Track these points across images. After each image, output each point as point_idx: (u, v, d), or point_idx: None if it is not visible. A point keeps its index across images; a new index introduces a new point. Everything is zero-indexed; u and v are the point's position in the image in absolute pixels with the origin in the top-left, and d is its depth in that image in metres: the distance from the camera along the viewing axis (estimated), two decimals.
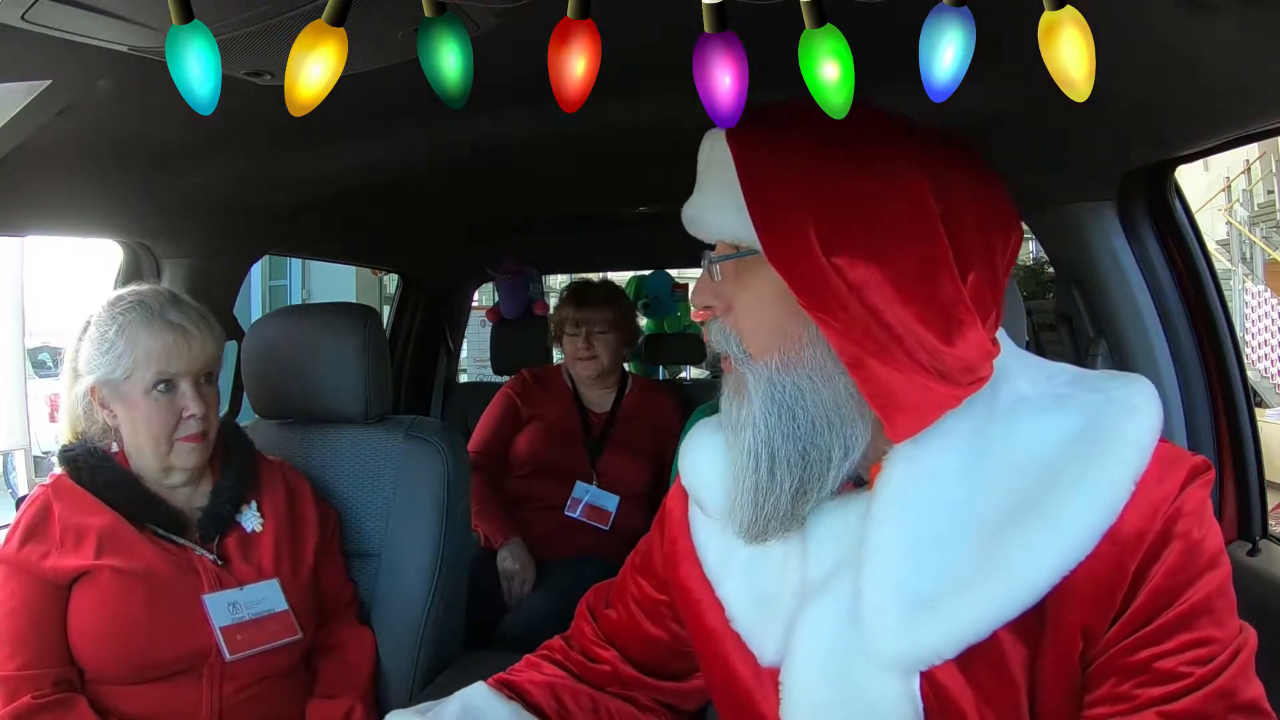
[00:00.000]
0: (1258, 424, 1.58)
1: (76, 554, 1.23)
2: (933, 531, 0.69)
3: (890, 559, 0.69)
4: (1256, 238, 10.86)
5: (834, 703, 0.71)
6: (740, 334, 0.77)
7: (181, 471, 1.34)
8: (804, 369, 0.73)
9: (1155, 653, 0.64)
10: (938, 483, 0.70)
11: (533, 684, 0.95)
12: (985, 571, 0.66)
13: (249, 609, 1.30)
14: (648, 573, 0.98)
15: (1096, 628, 0.65)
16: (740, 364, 0.77)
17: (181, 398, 1.29)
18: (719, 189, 0.77)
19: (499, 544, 2.21)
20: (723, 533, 0.83)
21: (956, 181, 0.73)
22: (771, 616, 0.77)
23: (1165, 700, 0.63)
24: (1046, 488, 0.66)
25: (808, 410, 0.73)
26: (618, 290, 2.59)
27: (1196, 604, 0.64)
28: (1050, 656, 0.66)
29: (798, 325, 0.74)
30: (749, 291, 0.77)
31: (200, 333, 1.31)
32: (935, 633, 0.66)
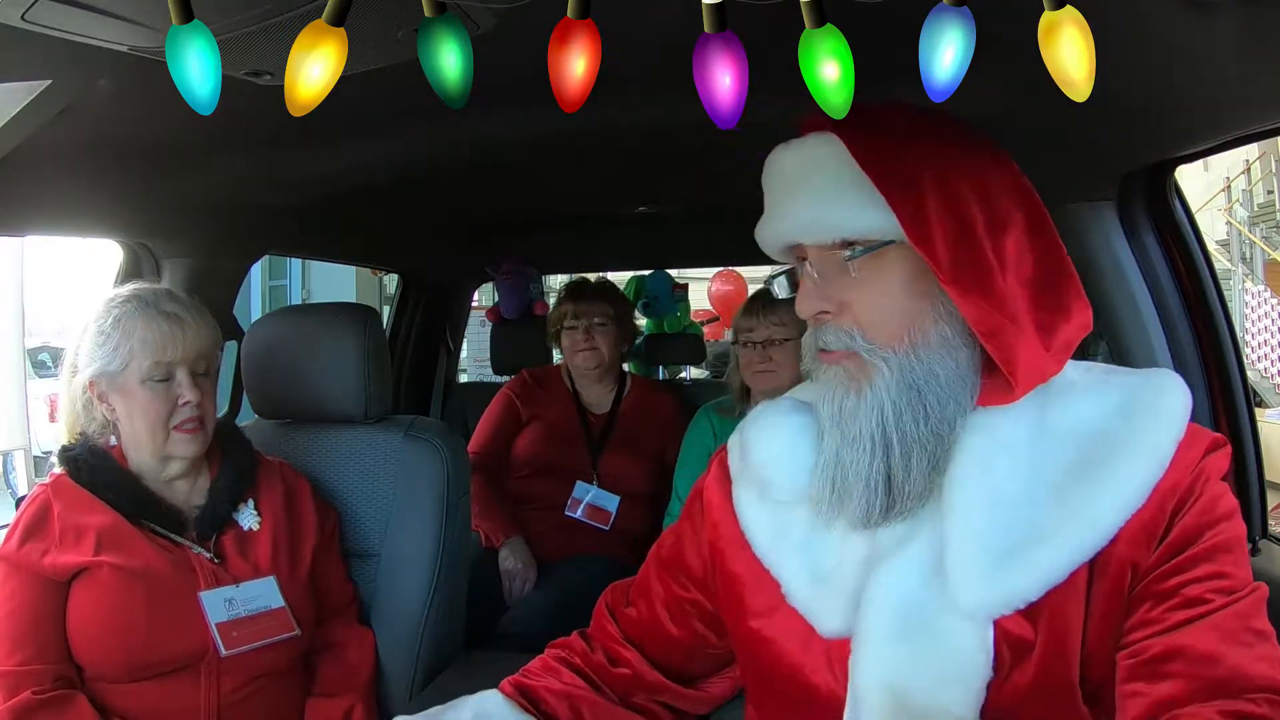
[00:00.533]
0: (1258, 424, 1.58)
1: (76, 551, 1.23)
2: (1008, 491, 0.76)
3: (974, 515, 0.76)
4: (1256, 238, 10.87)
5: (911, 656, 0.76)
6: (862, 328, 0.80)
7: (179, 461, 1.34)
8: (934, 347, 0.79)
9: (1183, 580, 0.72)
10: (1010, 450, 0.78)
11: (549, 692, 0.95)
12: (1058, 522, 0.74)
13: (245, 605, 1.30)
14: (675, 568, 0.98)
15: (1141, 563, 0.74)
16: (869, 354, 0.79)
17: (177, 386, 1.30)
18: (838, 190, 0.80)
19: (500, 543, 2.21)
20: (774, 516, 0.88)
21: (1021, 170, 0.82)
22: (833, 589, 0.82)
23: (1191, 621, 0.71)
24: (1104, 451, 0.76)
25: (939, 388, 0.78)
26: (615, 288, 2.59)
27: (1218, 544, 0.73)
28: (1101, 598, 0.74)
29: (924, 307, 0.79)
30: (871, 284, 0.80)
31: (195, 322, 1.32)
32: (1020, 578, 0.74)
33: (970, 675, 0.74)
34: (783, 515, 0.87)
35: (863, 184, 0.78)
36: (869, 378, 0.79)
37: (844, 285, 0.81)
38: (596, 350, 2.43)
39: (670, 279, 3.81)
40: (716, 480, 0.96)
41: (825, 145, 0.81)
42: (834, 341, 0.81)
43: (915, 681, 0.76)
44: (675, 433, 2.39)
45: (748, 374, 2.14)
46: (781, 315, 2.11)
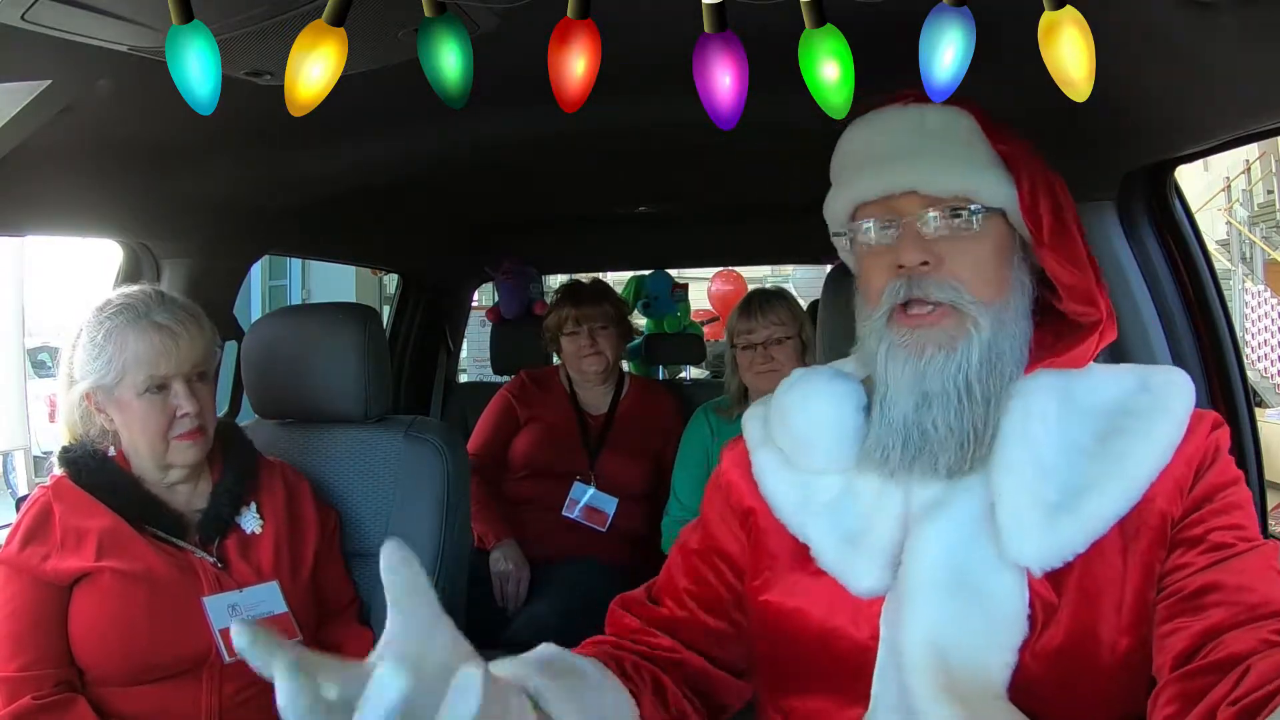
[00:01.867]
0: (1258, 424, 1.58)
1: (77, 555, 1.23)
2: (1048, 454, 0.83)
3: (1022, 474, 0.82)
4: (1256, 238, 10.87)
5: (956, 611, 0.80)
6: (964, 283, 0.85)
7: (180, 469, 1.33)
8: (1013, 313, 0.86)
9: (1209, 527, 0.79)
10: (1044, 419, 0.84)
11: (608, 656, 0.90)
12: (1097, 479, 0.81)
13: (248, 611, 1.30)
14: (711, 556, 0.98)
15: (1174, 515, 0.81)
16: (972, 307, 0.84)
17: (174, 397, 1.29)
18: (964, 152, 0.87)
19: (492, 545, 2.21)
20: (799, 482, 0.91)
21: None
22: (868, 547, 0.86)
23: (1220, 561, 0.78)
24: (1130, 420, 0.84)
25: (1012, 349, 0.86)
26: (610, 288, 2.58)
27: (1233, 500, 0.82)
28: (1141, 553, 0.80)
29: (1010, 274, 0.87)
30: (974, 244, 0.86)
31: (188, 332, 1.30)
32: (1070, 529, 0.79)
33: (1007, 631, 0.79)
34: (808, 481, 0.91)
35: (986, 154, 0.87)
36: (964, 333, 0.84)
37: (945, 242, 0.85)
38: (601, 355, 2.42)
39: (670, 279, 3.82)
40: (732, 464, 0.98)
41: (945, 115, 0.88)
42: (936, 292, 0.85)
43: (956, 639, 0.79)
44: (674, 434, 2.38)
45: (749, 375, 2.14)
46: (779, 314, 2.11)
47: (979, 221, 0.85)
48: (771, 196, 2.60)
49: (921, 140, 0.88)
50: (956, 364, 0.84)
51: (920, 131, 0.88)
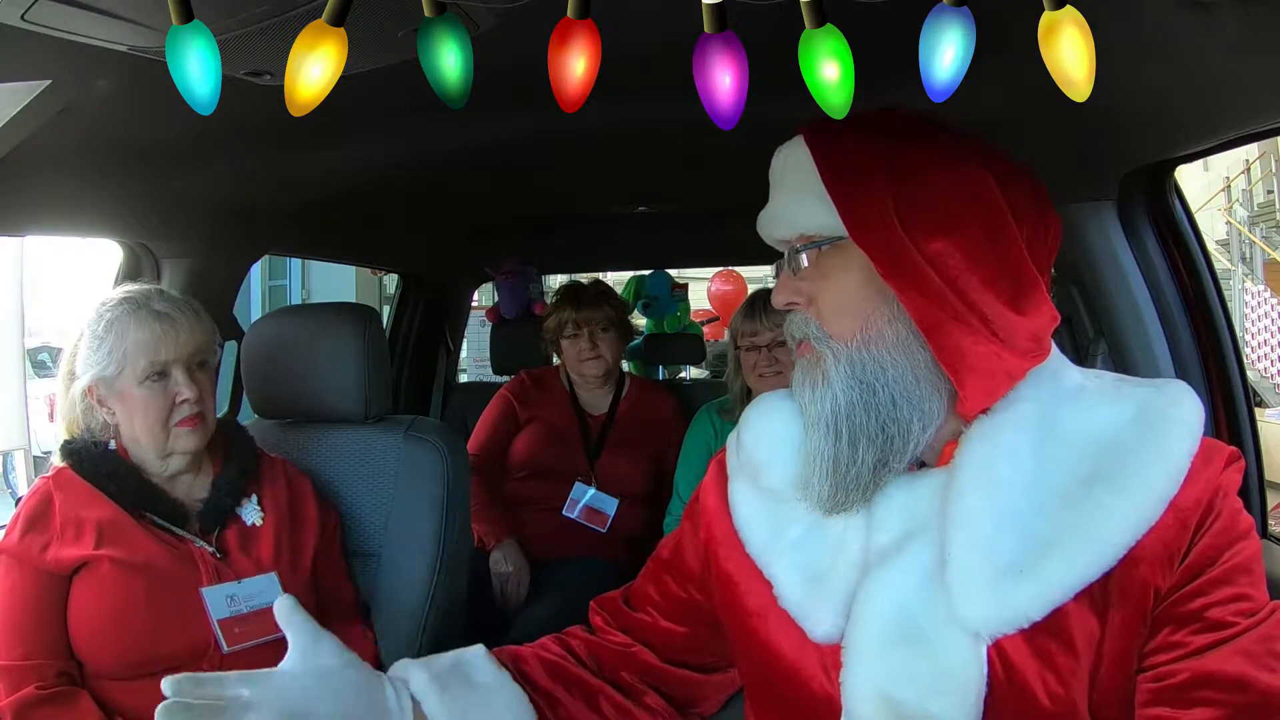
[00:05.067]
0: (1257, 424, 1.58)
1: (76, 545, 1.23)
2: (1012, 503, 0.75)
3: (977, 527, 0.75)
4: (1256, 238, 10.87)
5: (901, 666, 0.75)
6: (821, 318, 0.83)
7: (181, 457, 1.34)
8: (885, 345, 0.80)
9: (1206, 602, 0.71)
10: (1014, 458, 0.76)
11: (535, 657, 0.95)
12: (1067, 536, 0.73)
13: (247, 602, 1.30)
14: (676, 570, 0.99)
15: (1162, 586, 0.72)
16: (819, 344, 0.82)
17: (174, 384, 1.30)
18: (800, 189, 0.84)
19: (493, 545, 2.21)
20: (771, 513, 0.88)
21: (1016, 180, 0.81)
22: (826, 591, 0.82)
23: (1215, 645, 0.70)
24: (1116, 462, 0.74)
25: (888, 385, 0.79)
26: (610, 289, 2.58)
27: (1237, 565, 0.72)
28: (1118, 621, 0.72)
29: (878, 305, 0.80)
30: (831, 279, 0.83)
31: (187, 320, 1.32)
32: (1026, 595, 0.72)
33: (963, 688, 0.73)
34: (779, 512, 0.87)
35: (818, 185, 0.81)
36: (823, 368, 0.82)
37: (811, 279, 0.84)
38: (602, 358, 2.42)
39: (670, 279, 3.82)
40: (713, 480, 0.97)
41: (799, 147, 0.85)
42: (795, 330, 0.85)
43: (907, 691, 0.74)
44: (674, 434, 2.38)
45: (751, 377, 2.13)
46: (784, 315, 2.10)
47: (823, 259, 0.83)
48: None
49: (779, 179, 0.88)
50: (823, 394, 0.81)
51: (780, 170, 0.88)
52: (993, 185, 0.79)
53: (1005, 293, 0.78)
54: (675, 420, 2.47)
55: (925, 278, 0.77)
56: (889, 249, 0.78)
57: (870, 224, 0.78)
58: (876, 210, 0.78)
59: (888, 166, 0.80)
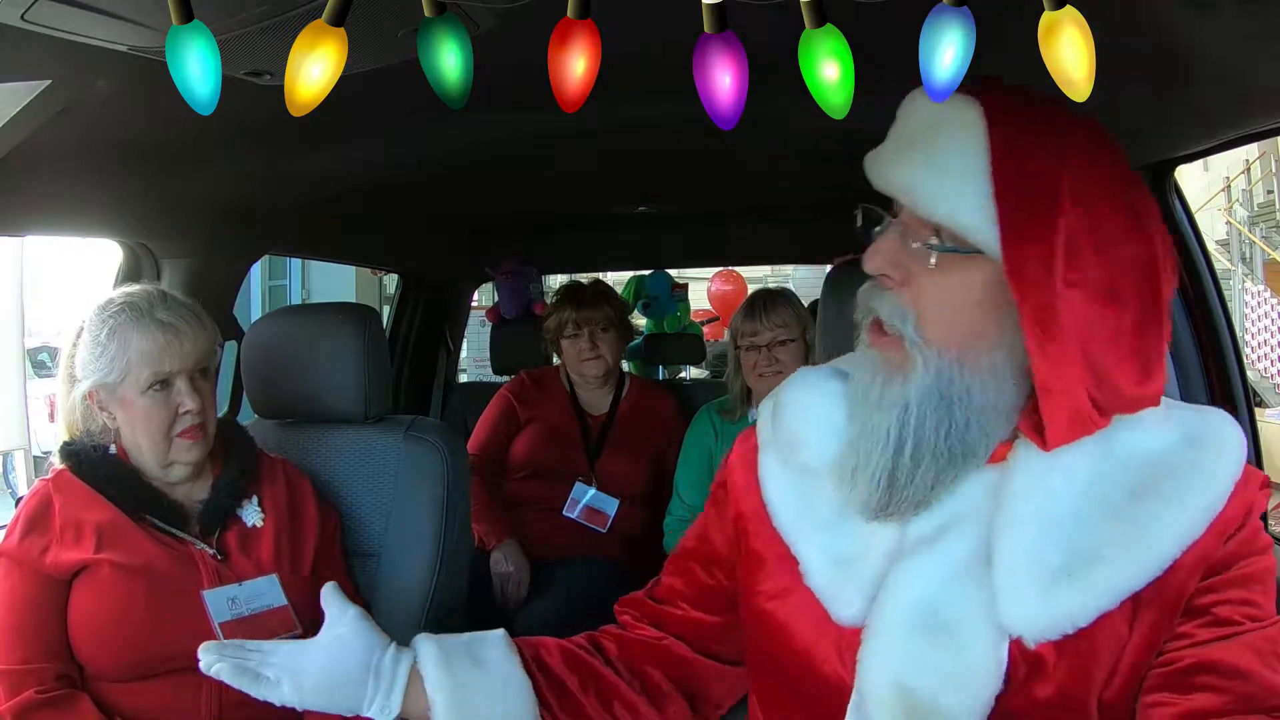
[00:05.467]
0: (1258, 424, 1.58)
1: (76, 548, 1.23)
2: (1064, 511, 0.74)
3: (1027, 531, 0.74)
4: (1256, 238, 10.86)
5: (922, 656, 0.75)
6: (918, 314, 0.75)
7: (182, 466, 1.34)
8: (981, 371, 0.75)
9: (1216, 600, 0.72)
10: (1069, 473, 0.75)
11: (558, 647, 0.94)
12: (1116, 546, 0.72)
13: (248, 604, 1.30)
14: (703, 557, 0.97)
15: (1190, 588, 0.73)
16: (913, 346, 0.75)
17: (177, 394, 1.29)
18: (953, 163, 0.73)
19: (493, 545, 2.21)
20: (801, 489, 0.86)
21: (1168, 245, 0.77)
22: (854, 575, 0.80)
23: (1222, 639, 0.71)
24: (1166, 479, 0.74)
25: (969, 408, 0.75)
26: (611, 289, 2.58)
27: (1252, 573, 0.74)
28: (1146, 625, 0.73)
29: (989, 327, 0.74)
30: (948, 280, 0.75)
31: (191, 329, 1.31)
32: (1074, 601, 0.72)
33: (979, 684, 0.72)
34: (809, 491, 0.85)
35: (985, 178, 0.72)
36: (904, 371, 0.76)
37: (922, 267, 0.75)
38: (602, 359, 2.42)
39: (670, 279, 3.82)
40: (741, 457, 0.94)
41: (965, 111, 0.74)
42: (885, 313, 0.77)
43: (923, 681, 0.74)
44: (674, 434, 2.38)
45: (751, 377, 2.14)
46: (784, 315, 2.10)
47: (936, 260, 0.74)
48: (771, 196, 2.60)
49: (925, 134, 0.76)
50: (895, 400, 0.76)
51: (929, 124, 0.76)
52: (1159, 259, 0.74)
53: (1134, 371, 0.74)
54: (675, 420, 2.47)
55: (1067, 341, 0.71)
56: (1042, 299, 0.71)
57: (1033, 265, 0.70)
58: (1046, 251, 0.70)
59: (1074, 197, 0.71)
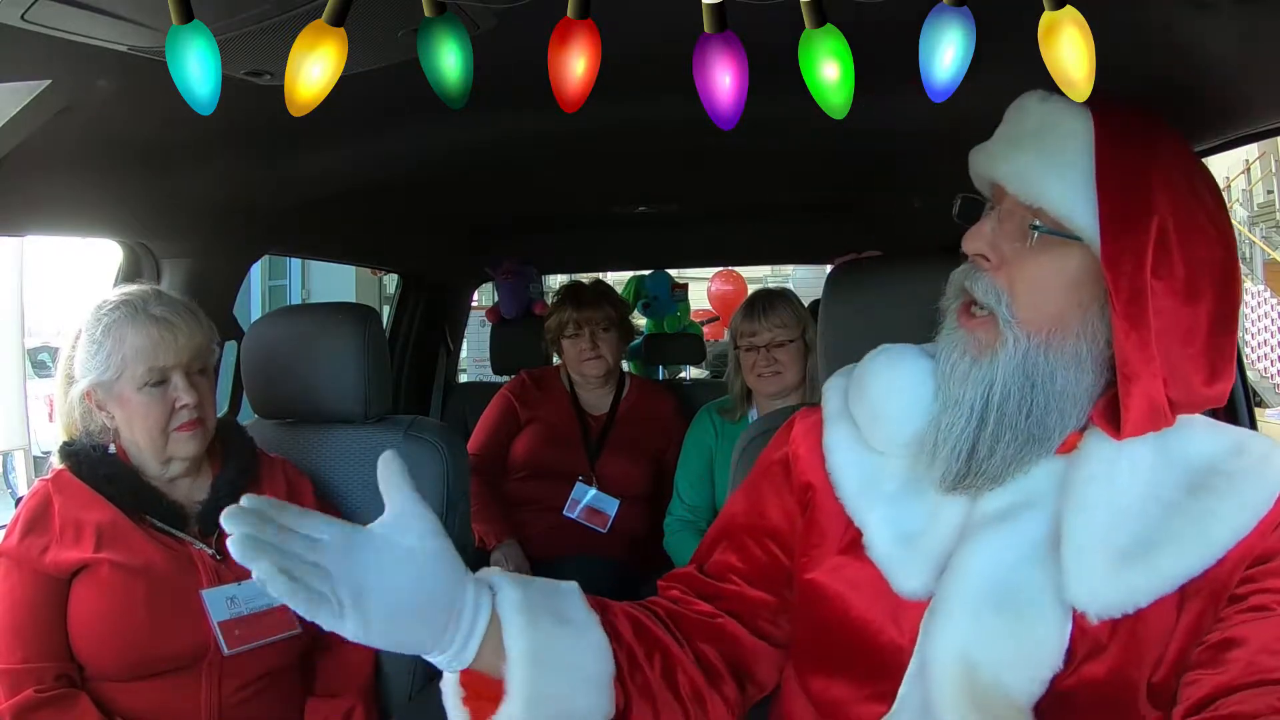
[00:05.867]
0: (1258, 424, 1.58)
1: (76, 547, 1.23)
2: (1129, 501, 0.78)
3: (1096, 515, 0.77)
4: (1256, 238, 10.87)
5: (989, 631, 0.77)
6: (1014, 296, 0.80)
7: (181, 462, 1.33)
8: (1065, 354, 0.79)
9: (1255, 589, 0.75)
10: (1134, 466, 0.79)
11: (622, 610, 0.90)
12: (1177, 535, 0.76)
13: (247, 604, 1.30)
14: (757, 531, 0.96)
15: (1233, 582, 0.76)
16: (1005, 324, 0.80)
17: (174, 390, 1.29)
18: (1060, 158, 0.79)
19: (493, 545, 2.21)
20: (867, 463, 0.88)
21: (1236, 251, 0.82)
22: (919, 550, 0.83)
23: (1252, 621, 0.74)
24: (1219, 479, 0.78)
25: (1051, 391, 0.79)
26: (611, 289, 2.59)
27: None
28: (1193, 613, 0.76)
29: (1076, 313, 0.79)
30: (1044, 262, 0.80)
31: (186, 324, 1.31)
32: (1139, 582, 0.75)
33: (1041, 662, 0.76)
34: (877, 464, 0.88)
35: (1088, 173, 0.78)
36: (994, 347, 0.80)
37: (1017, 247, 0.81)
38: (602, 359, 2.42)
39: (670, 279, 3.82)
40: (804, 432, 0.96)
41: (1076, 115, 0.81)
42: (981, 293, 0.82)
43: (988, 655, 0.76)
44: (674, 434, 2.38)
45: (751, 377, 2.14)
46: (783, 316, 2.10)
47: (1035, 240, 0.80)
48: (771, 196, 2.60)
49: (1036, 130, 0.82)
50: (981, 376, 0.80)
51: (1041, 120, 0.82)
52: (1233, 263, 0.79)
53: (1205, 369, 0.79)
54: (675, 420, 2.48)
55: (1150, 330, 0.76)
56: (1133, 286, 0.76)
57: (1127, 253, 0.76)
58: (1139, 240, 0.76)
59: (1168, 197, 0.77)
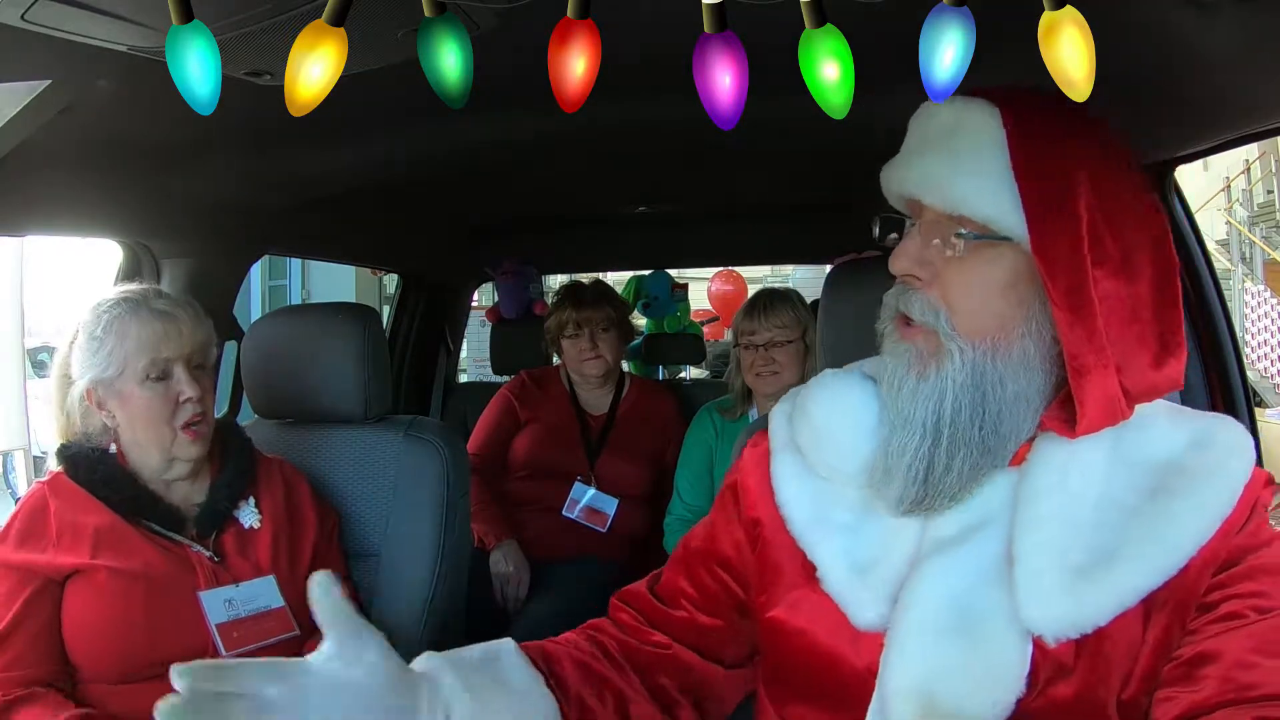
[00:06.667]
0: (1258, 424, 1.58)
1: (73, 552, 1.23)
2: (1081, 512, 0.75)
3: (1049, 531, 0.75)
4: (1256, 238, 10.86)
5: (947, 658, 0.75)
6: (950, 308, 0.78)
7: (184, 463, 1.33)
8: (1013, 360, 0.77)
9: (1225, 595, 0.72)
10: (1086, 473, 0.76)
11: (567, 657, 0.91)
12: (1134, 544, 0.73)
13: (245, 605, 1.30)
14: (708, 558, 0.96)
15: (1199, 590, 0.73)
16: (947, 339, 0.77)
17: (176, 383, 1.29)
18: (973, 161, 0.76)
19: (493, 545, 2.21)
20: (817, 492, 0.86)
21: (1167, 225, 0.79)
22: (875, 580, 0.80)
23: (1225, 632, 0.71)
24: (1180, 479, 0.75)
25: (1002, 399, 0.77)
26: (611, 289, 2.59)
27: (1260, 565, 0.73)
28: (1159, 628, 0.73)
29: (1018, 315, 0.77)
30: (976, 270, 0.77)
31: (188, 317, 1.31)
32: (1094, 600, 0.72)
33: (1003, 687, 0.73)
34: (826, 493, 0.85)
35: (1005, 169, 0.75)
36: (939, 362, 0.77)
37: (948, 263, 0.78)
38: (602, 358, 2.42)
39: (670, 279, 3.82)
40: (752, 462, 0.94)
41: (982, 113, 0.77)
42: (917, 312, 0.79)
43: (947, 684, 0.74)
44: (674, 434, 2.38)
45: (749, 376, 2.14)
46: (783, 317, 2.11)
47: (972, 248, 0.76)
48: (772, 196, 2.60)
49: (944, 137, 0.79)
50: (930, 392, 0.77)
51: (947, 127, 0.79)
52: (1168, 232, 0.77)
53: (1154, 349, 0.77)
54: (675, 420, 2.48)
55: (1095, 318, 0.73)
56: (1071, 277, 0.73)
57: (1059, 244, 0.73)
58: (1069, 229, 0.73)
59: (1089, 179, 0.74)
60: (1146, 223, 0.77)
